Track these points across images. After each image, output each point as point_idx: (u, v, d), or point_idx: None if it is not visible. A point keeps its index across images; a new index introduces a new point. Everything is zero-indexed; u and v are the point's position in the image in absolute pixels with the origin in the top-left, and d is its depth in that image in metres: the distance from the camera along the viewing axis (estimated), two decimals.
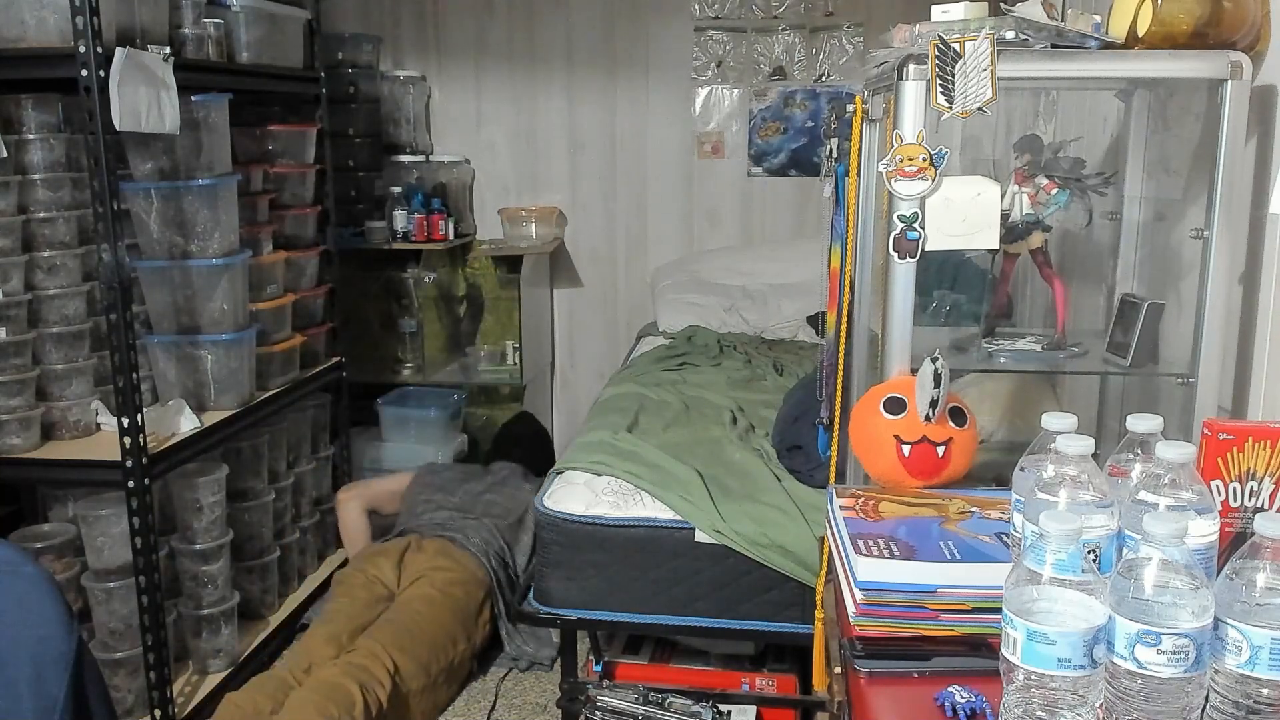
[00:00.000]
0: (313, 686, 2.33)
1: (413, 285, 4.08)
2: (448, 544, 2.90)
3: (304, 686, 2.35)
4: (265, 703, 2.30)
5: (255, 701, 2.30)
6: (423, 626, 2.62)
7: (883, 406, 1.47)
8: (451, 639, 2.68)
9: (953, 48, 1.38)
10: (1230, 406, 1.56)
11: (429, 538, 2.94)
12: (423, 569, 2.81)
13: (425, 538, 2.94)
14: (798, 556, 2.19)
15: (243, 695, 2.35)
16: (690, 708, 2.24)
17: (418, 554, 2.88)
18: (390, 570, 2.83)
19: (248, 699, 2.32)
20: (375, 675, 2.40)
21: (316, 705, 2.26)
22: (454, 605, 2.73)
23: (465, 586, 2.80)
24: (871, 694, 1.09)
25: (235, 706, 2.30)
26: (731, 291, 3.97)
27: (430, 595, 2.72)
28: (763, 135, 4.29)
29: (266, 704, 2.30)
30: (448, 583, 2.77)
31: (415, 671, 2.52)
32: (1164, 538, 0.84)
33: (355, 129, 4.04)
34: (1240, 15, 1.41)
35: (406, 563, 2.86)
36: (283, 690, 2.35)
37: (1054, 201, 1.61)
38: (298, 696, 2.31)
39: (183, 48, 2.57)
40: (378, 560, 2.86)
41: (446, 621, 2.69)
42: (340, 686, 2.32)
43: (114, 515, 2.37)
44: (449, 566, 2.82)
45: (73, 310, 2.46)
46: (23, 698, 1.00)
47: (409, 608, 2.68)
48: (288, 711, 2.27)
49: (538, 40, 4.29)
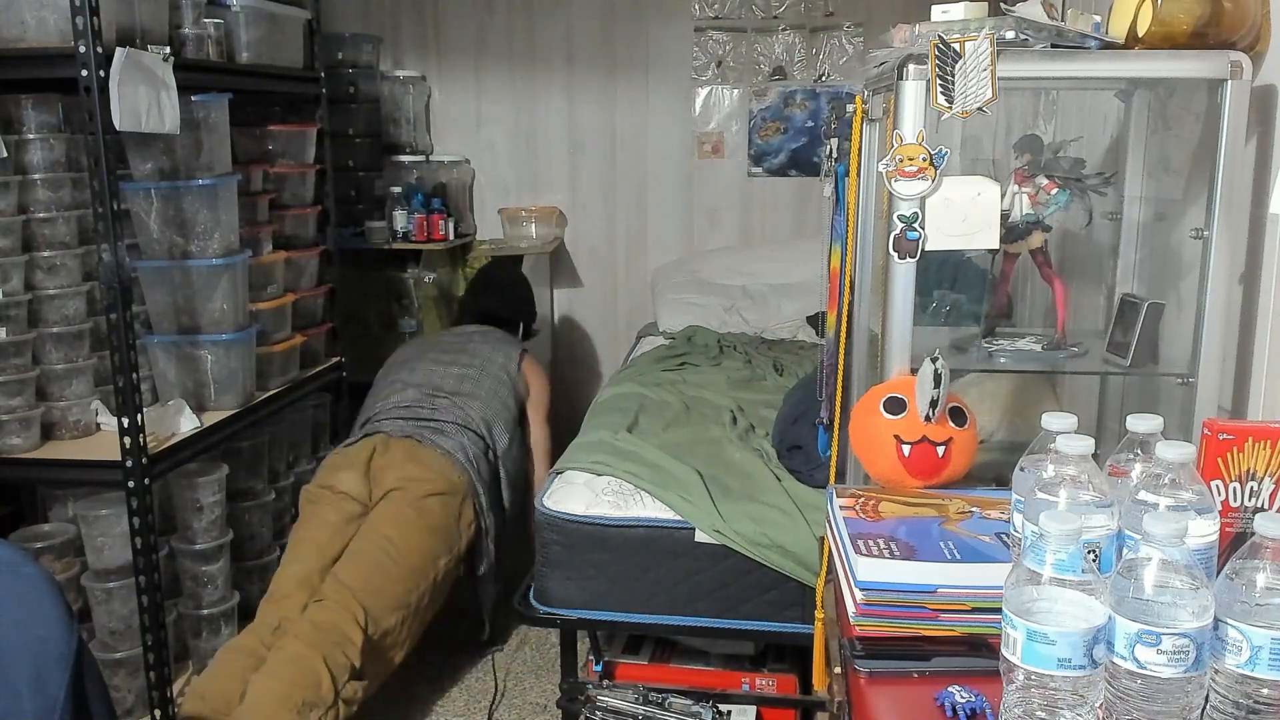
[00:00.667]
0: (276, 669, 2.25)
1: (413, 285, 4.08)
2: (416, 445, 2.71)
3: (267, 666, 2.27)
4: (234, 686, 2.23)
5: (222, 689, 2.24)
6: (396, 556, 2.49)
7: (883, 406, 1.47)
8: (431, 559, 2.55)
9: (953, 48, 1.38)
10: (1230, 406, 1.56)
11: (395, 438, 2.74)
12: (393, 480, 2.62)
13: (391, 438, 2.75)
14: (798, 556, 2.19)
15: (209, 683, 2.28)
16: (690, 708, 2.24)
17: (384, 458, 2.68)
18: (358, 482, 2.65)
19: (215, 687, 2.26)
20: (344, 634, 2.31)
21: (281, 694, 2.19)
22: (430, 521, 2.58)
23: (441, 497, 2.63)
24: (871, 694, 1.09)
25: (200, 699, 2.25)
26: (731, 291, 3.97)
27: (402, 515, 2.56)
28: (763, 135, 4.29)
29: (235, 687, 2.23)
30: (420, 496, 2.60)
31: (391, 608, 2.42)
32: (1164, 538, 0.84)
33: (355, 129, 4.04)
34: (1240, 15, 1.41)
35: (374, 469, 2.67)
36: (251, 663, 2.28)
37: (1054, 201, 1.61)
38: (263, 683, 2.22)
39: (183, 48, 2.57)
40: (343, 474, 2.67)
41: (423, 543, 2.54)
42: (305, 666, 2.24)
43: (114, 515, 2.37)
44: (421, 475, 2.63)
45: (73, 310, 2.46)
46: (23, 698, 1.00)
47: (380, 534, 2.53)
48: (252, 699, 2.20)
49: (538, 40, 4.29)
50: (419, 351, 3.15)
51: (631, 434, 2.61)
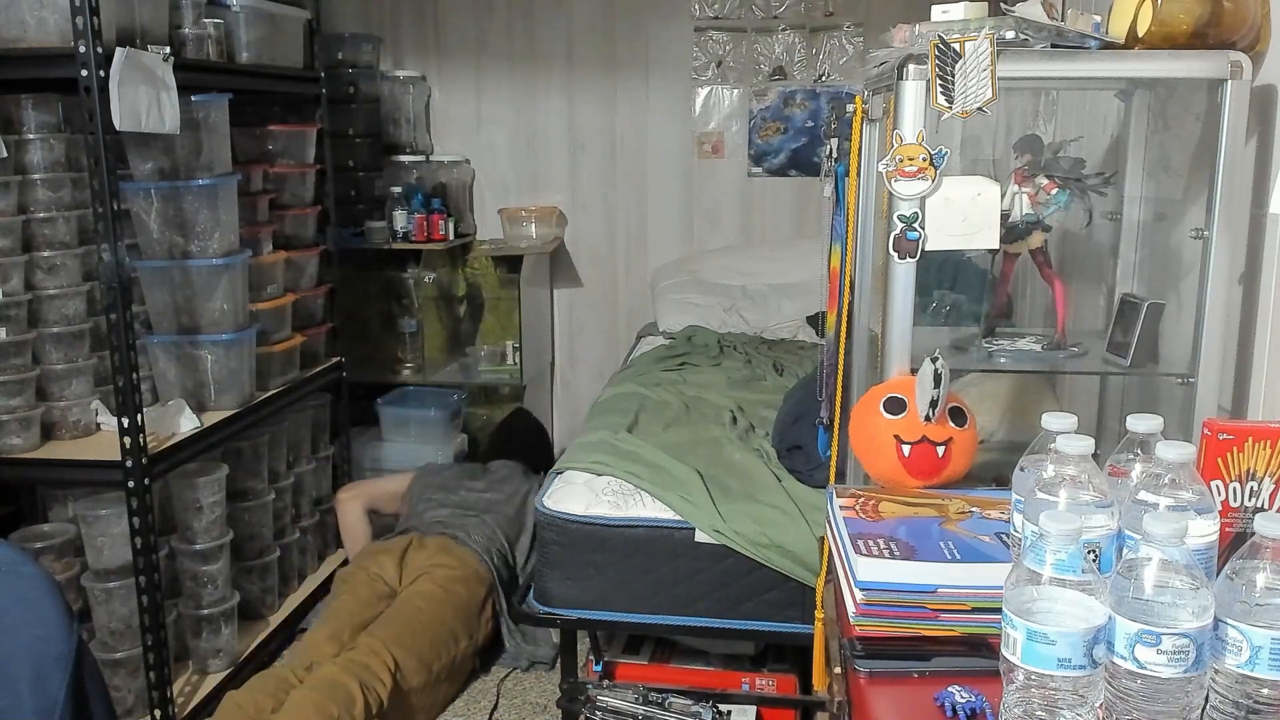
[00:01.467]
0: (313, 685, 2.33)
1: (413, 285, 4.08)
2: (449, 541, 2.91)
3: (304, 684, 2.35)
4: (266, 701, 2.30)
5: (256, 700, 2.30)
6: (424, 623, 2.62)
7: (883, 406, 1.47)
8: (453, 636, 2.68)
9: (953, 48, 1.38)
10: (1230, 406, 1.56)
11: (430, 535, 2.94)
12: (424, 566, 2.81)
13: (427, 535, 2.95)
14: (798, 556, 2.19)
15: (243, 694, 2.34)
16: (690, 708, 2.24)
17: (419, 551, 2.88)
18: (392, 567, 2.84)
19: (248, 698, 2.32)
20: (376, 673, 2.40)
21: (316, 704, 2.26)
22: (456, 602, 2.73)
23: (467, 584, 2.80)
24: (871, 694, 1.09)
25: (236, 705, 2.30)
26: (731, 291, 3.97)
27: (432, 592, 2.72)
28: (763, 135, 4.29)
29: (268, 703, 2.30)
30: (449, 580, 2.77)
31: (416, 668, 2.52)
32: (1164, 538, 0.84)
33: (355, 129, 4.04)
34: (1240, 15, 1.41)
35: (408, 560, 2.86)
36: (284, 688, 2.35)
37: (1054, 201, 1.61)
38: (298, 695, 2.31)
39: (183, 48, 2.57)
40: (379, 558, 2.87)
41: (448, 618, 2.69)
42: (341, 684, 2.32)
43: (114, 515, 2.37)
44: (450, 564, 2.82)
45: (73, 310, 2.46)
46: (23, 698, 1.00)
47: (410, 604, 2.68)
48: (288, 710, 2.27)
49: (538, 40, 4.29)
50: (455, 477, 3.30)
51: (631, 434, 2.61)
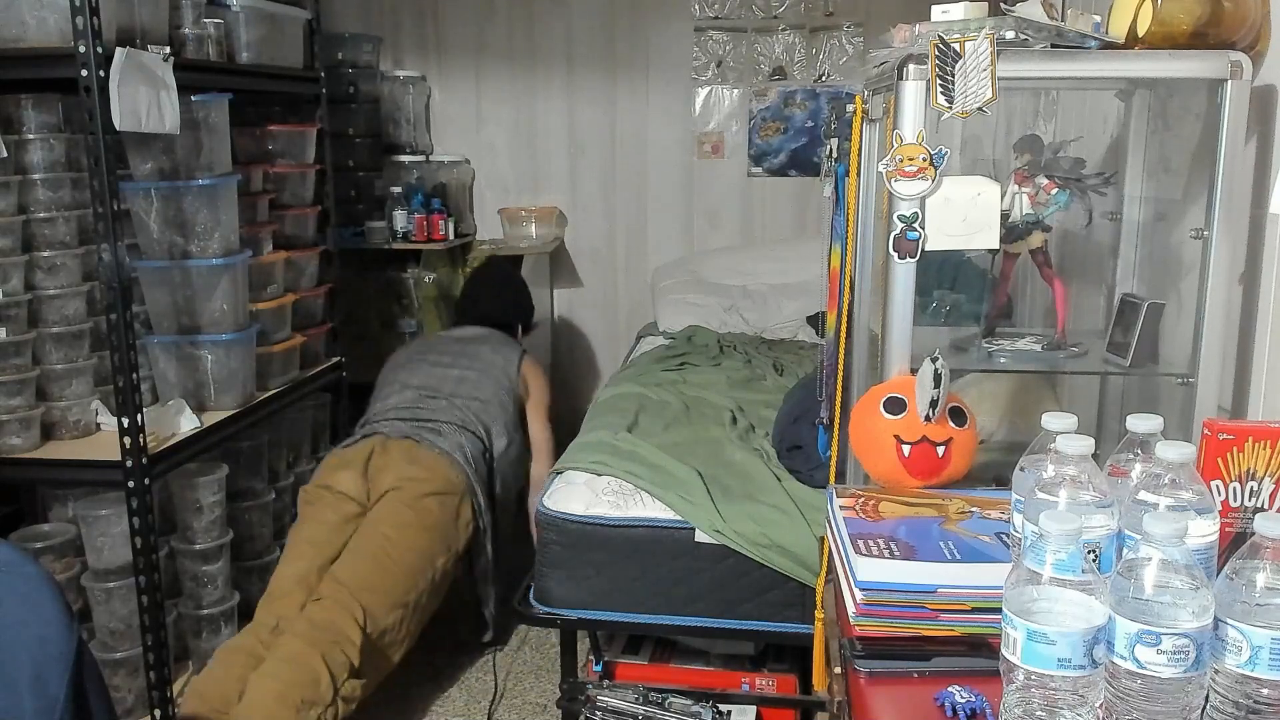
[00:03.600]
0: (275, 668, 2.25)
1: (413, 285, 4.08)
2: (414, 446, 2.71)
3: (266, 665, 2.27)
4: (231, 685, 2.24)
5: (221, 688, 2.25)
6: (394, 557, 2.50)
7: (883, 406, 1.47)
8: (429, 558, 2.55)
9: (953, 48, 1.38)
10: (1230, 406, 1.56)
11: (394, 438, 2.75)
12: (391, 480, 2.63)
13: (390, 439, 2.75)
14: (798, 556, 2.19)
15: (207, 682, 2.29)
16: (690, 708, 2.24)
17: (383, 457, 2.69)
18: (356, 481, 2.66)
19: (213, 687, 2.26)
20: (343, 633, 2.32)
21: (279, 693, 2.20)
22: (428, 521, 2.59)
23: (439, 496, 2.63)
24: (871, 694, 1.09)
25: (199, 697, 2.25)
26: (731, 291, 3.97)
27: (400, 515, 2.57)
28: (763, 135, 4.29)
29: (233, 687, 2.24)
30: (418, 496, 2.60)
31: (389, 608, 2.43)
32: (1164, 538, 0.84)
33: (355, 129, 4.04)
34: (1240, 15, 1.41)
35: (372, 469, 2.68)
36: (250, 663, 2.29)
37: (1054, 201, 1.61)
38: (260, 681, 2.23)
39: (183, 48, 2.57)
40: (341, 474, 2.68)
41: (420, 543, 2.55)
42: (304, 664, 2.24)
43: (114, 515, 2.37)
44: (419, 475, 2.64)
45: (73, 310, 2.46)
46: (23, 698, 1.00)
47: (379, 534, 2.54)
48: (250, 698, 2.20)
49: (538, 40, 4.29)
50: (418, 354, 3.16)
51: (631, 434, 2.61)
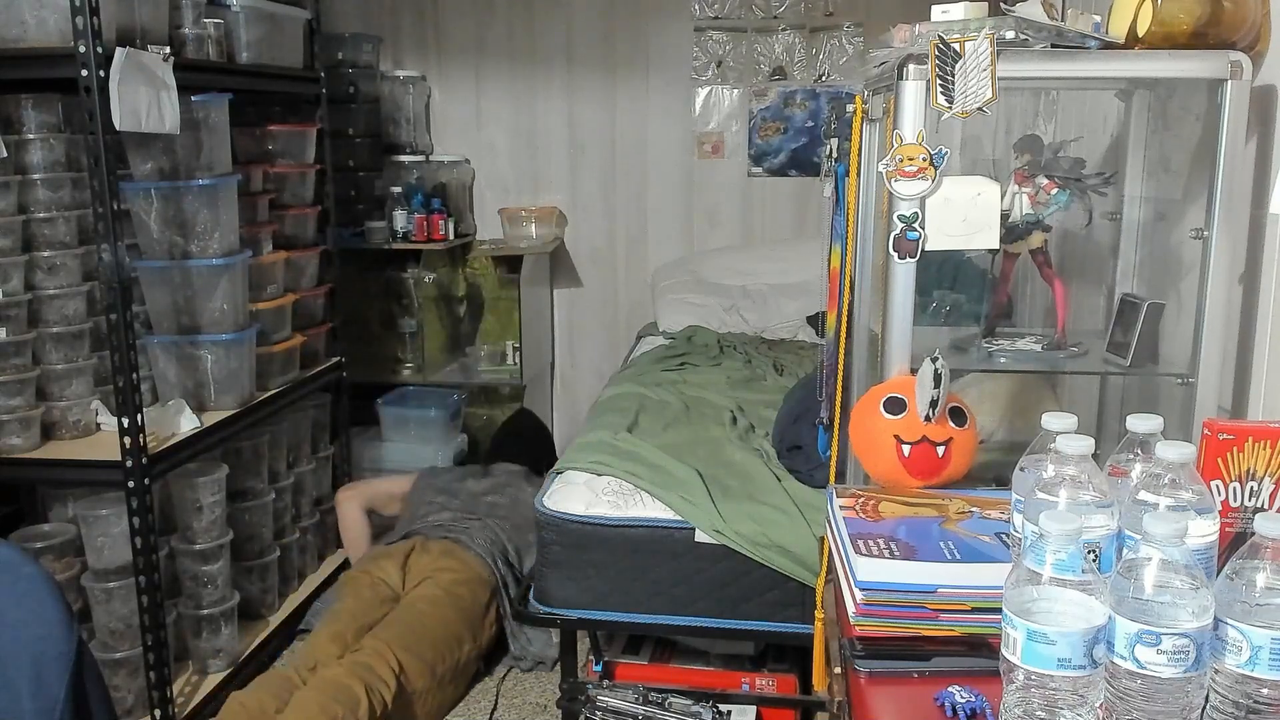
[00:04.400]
0: (317, 686, 2.33)
1: (413, 285, 4.08)
2: (452, 545, 2.90)
3: (309, 685, 2.35)
4: (270, 702, 2.30)
5: (260, 700, 2.30)
6: (428, 626, 2.62)
7: (883, 406, 1.47)
8: (457, 639, 2.68)
9: (953, 48, 1.38)
10: (1230, 406, 1.56)
11: (433, 539, 2.94)
12: (428, 570, 2.81)
13: (430, 539, 2.94)
14: (798, 556, 2.19)
15: (248, 694, 2.35)
16: (690, 708, 2.24)
17: (423, 555, 2.88)
18: (395, 571, 2.83)
19: (253, 698, 2.32)
20: (380, 675, 2.40)
21: (321, 705, 2.26)
22: (459, 605, 2.73)
23: (470, 586, 2.80)
24: (871, 694, 1.09)
25: (240, 705, 2.30)
26: (731, 291, 3.97)
27: (435, 595, 2.72)
28: (763, 135, 4.29)
29: (271, 703, 2.30)
30: (453, 583, 2.77)
31: (420, 671, 2.52)
32: (1164, 538, 0.84)
33: (355, 129, 4.04)
34: (1240, 15, 1.41)
35: (411, 564, 2.86)
36: (288, 689, 2.35)
37: (1054, 201, 1.61)
38: (302, 696, 2.31)
39: (183, 48, 2.57)
40: (382, 561, 2.87)
41: (452, 621, 2.69)
42: (345, 686, 2.32)
43: (114, 515, 2.37)
44: (454, 567, 2.82)
45: (73, 310, 2.46)
46: (23, 698, 1.00)
47: (414, 608, 2.68)
48: (292, 710, 2.27)
49: (538, 40, 4.29)
50: (457, 478, 3.28)
51: (631, 434, 2.61)
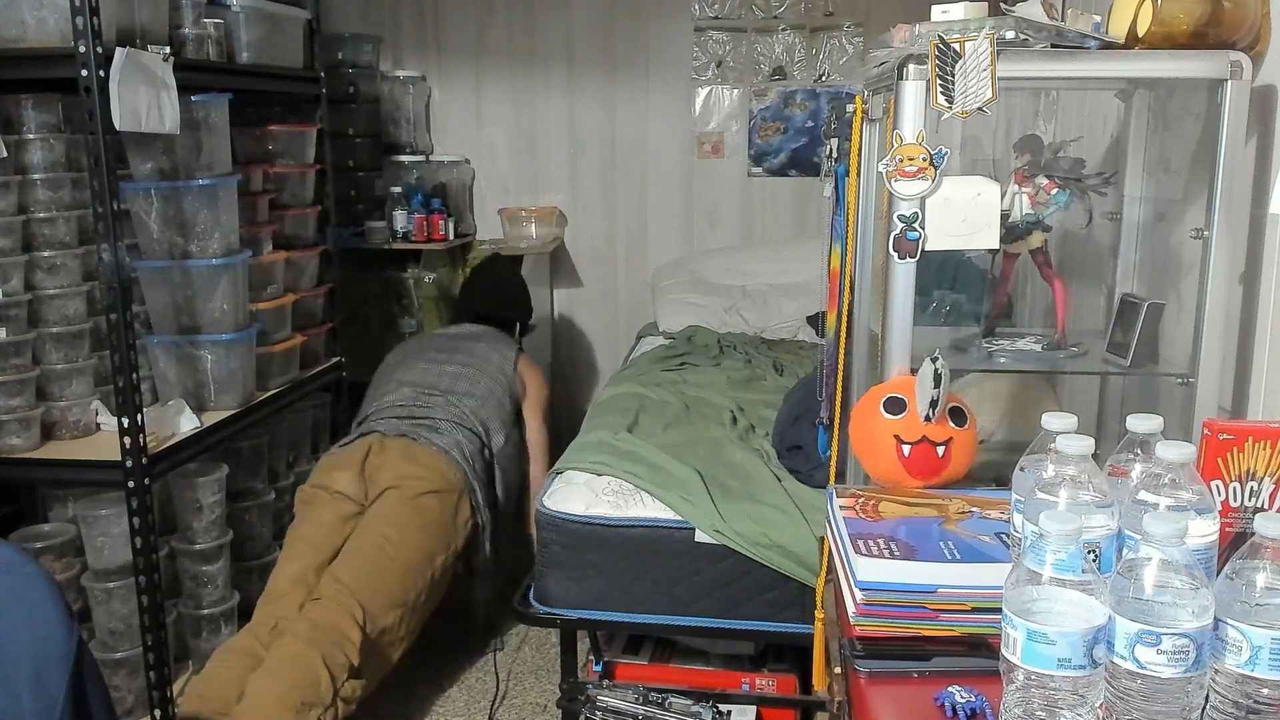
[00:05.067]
0: (275, 669, 2.25)
1: (413, 285, 4.08)
2: (411, 444, 2.71)
3: (265, 667, 2.27)
4: (232, 687, 2.24)
5: (222, 691, 2.25)
6: (393, 554, 2.49)
7: (883, 406, 1.47)
8: (428, 557, 2.55)
9: (953, 48, 1.38)
10: (1230, 406, 1.56)
11: (391, 436, 2.74)
12: (389, 479, 2.62)
13: (387, 436, 2.75)
14: (798, 556, 2.19)
15: (207, 683, 2.29)
16: (690, 708, 2.24)
17: (380, 456, 2.69)
18: (353, 480, 2.65)
19: (215, 689, 2.26)
20: (343, 632, 2.32)
21: (279, 696, 2.19)
22: (426, 519, 2.58)
23: (437, 494, 2.63)
24: (871, 694, 1.09)
25: (200, 699, 2.25)
26: (731, 291, 3.97)
27: (398, 513, 2.56)
28: (763, 135, 4.29)
29: (233, 689, 2.24)
30: (416, 494, 2.60)
31: (389, 606, 2.43)
32: (1164, 538, 0.84)
33: (355, 129, 4.04)
34: (1240, 15, 1.41)
35: (370, 470, 2.67)
36: (249, 663, 2.29)
37: (1054, 201, 1.61)
38: (260, 682, 2.23)
39: (183, 48, 2.57)
40: (338, 474, 2.68)
41: (419, 542, 2.55)
42: (304, 665, 2.24)
43: (114, 515, 2.37)
44: (415, 473, 2.63)
45: (73, 310, 2.46)
46: (23, 698, 1.00)
47: (376, 532, 2.53)
48: (250, 700, 2.20)
49: (538, 40, 4.29)
50: (415, 351, 3.16)
51: (631, 434, 2.61)
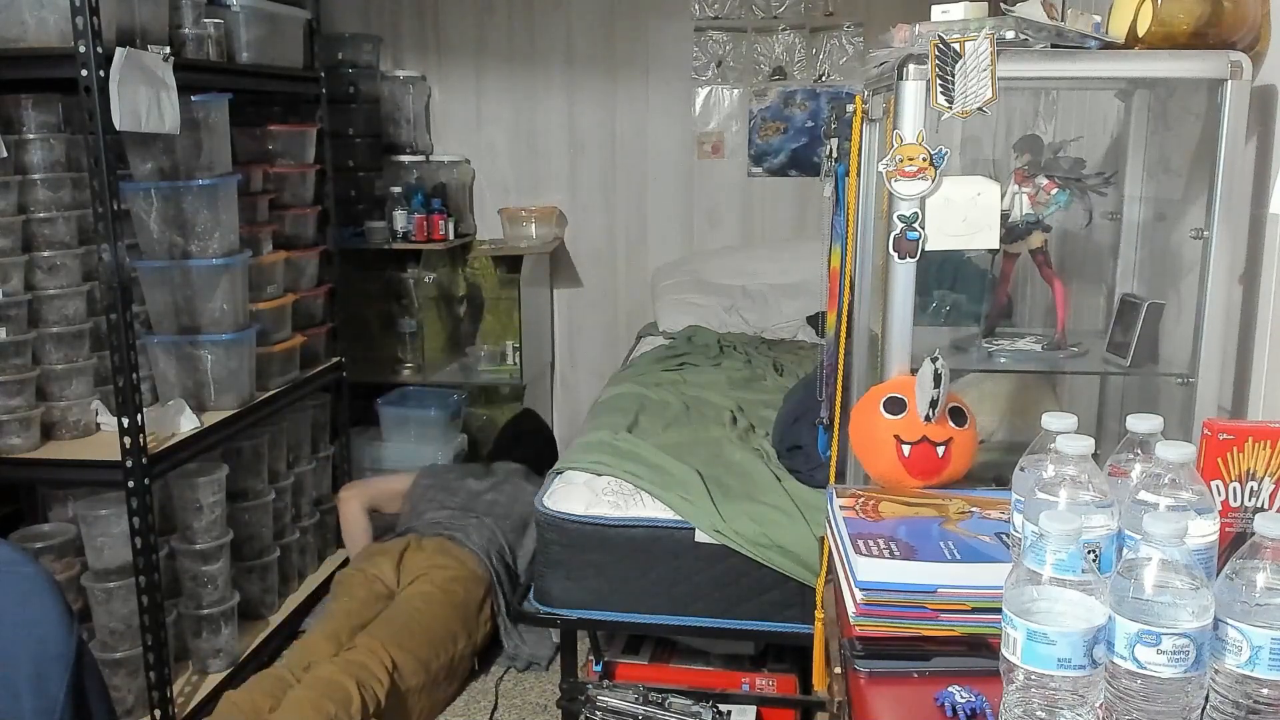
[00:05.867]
0: (310, 684, 2.33)
1: (413, 285, 4.08)
2: (447, 542, 2.90)
3: (302, 684, 2.35)
4: (264, 701, 2.30)
5: (254, 700, 2.31)
6: (422, 624, 2.62)
7: (883, 406, 1.47)
8: (451, 636, 2.68)
9: (953, 48, 1.38)
10: (1230, 406, 1.56)
11: (429, 536, 2.94)
12: (423, 567, 2.81)
13: (425, 536, 2.94)
14: (798, 556, 2.19)
15: (241, 694, 2.35)
16: (690, 708, 2.24)
17: (417, 553, 2.88)
18: (390, 569, 2.84)
19: (246, 697, 2.32)
20: (373, 672, 2.40)
21: (313, 703, 2.26)
22: (454, 602, 2.73)
23: (465, 584, 2.80)
24: (871, 694, 1.09)
25: (233, 705, 2.30)
26: (731, 291, 3.97)
27: (430, 593, 2.72)
28: (763, 135, 4.29)
29: (265, 702, 2.30)
30: (447, 580, 2.77)
31: (414, 669, 2.52)
32: (1164, 538, 0.84)
33: (355, 129, 4.04)
34: (1240, 15, 1.41)
35: (406, 561, 2.86)
36: (281, 688, 2.35)
37: (1054, 201, 1.61)
38: (295, 694, 2.31)
39: (183, 48, 2.57)
40: (377, 559, 2.87)
41: (446, 619, 2.69)
42: (338, 684, 2.32)
43: (114, 515, 2.37)
44: (449, 564, 2.82)
45: (73, 310, 2.46)
46: (23, 698, 1.00)
47: (408, 605, 2.68)
48: (285, 709, 2.27)
49: (538, 40, 4.29)
50: (458, 478, 3.27)
51: (631, 434, 2.61)
